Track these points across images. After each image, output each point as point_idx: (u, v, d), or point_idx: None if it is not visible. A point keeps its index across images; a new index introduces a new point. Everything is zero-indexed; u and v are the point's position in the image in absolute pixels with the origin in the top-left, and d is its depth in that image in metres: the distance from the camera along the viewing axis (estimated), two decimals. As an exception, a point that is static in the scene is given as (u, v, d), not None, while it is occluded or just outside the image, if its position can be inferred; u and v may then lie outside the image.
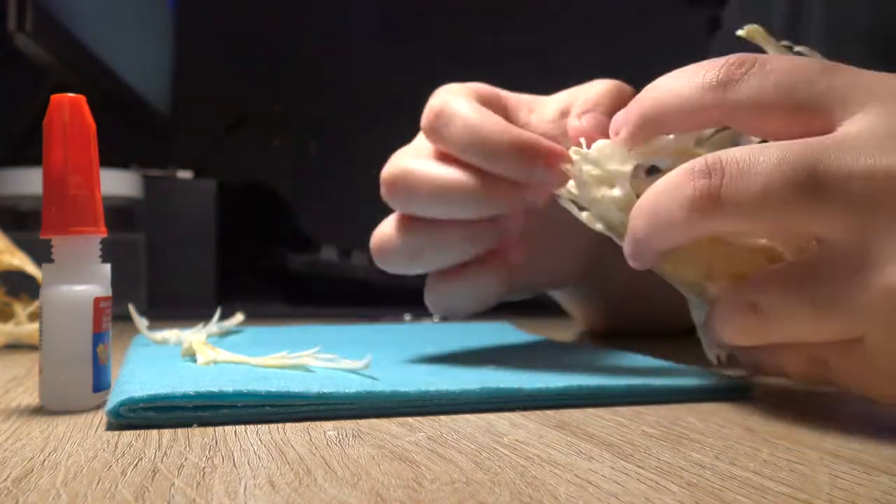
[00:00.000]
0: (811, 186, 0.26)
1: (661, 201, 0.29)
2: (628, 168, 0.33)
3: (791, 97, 0.28)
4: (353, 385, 0.31)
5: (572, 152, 0.35)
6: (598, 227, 0.34)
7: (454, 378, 0.34)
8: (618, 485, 0.22)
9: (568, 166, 0.35)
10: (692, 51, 0.41)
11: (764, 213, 0.27)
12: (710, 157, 0.28)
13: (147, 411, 0.29)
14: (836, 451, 0.25)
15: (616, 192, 0.33)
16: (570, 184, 0.35)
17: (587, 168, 0.34)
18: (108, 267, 0.32)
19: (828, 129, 0.27)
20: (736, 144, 0.32)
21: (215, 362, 0.37)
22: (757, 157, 0.27)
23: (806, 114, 0.28)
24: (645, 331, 0.54)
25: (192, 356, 0.38)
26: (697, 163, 0.28)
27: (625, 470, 0.23)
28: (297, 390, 0.30)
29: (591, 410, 0.32)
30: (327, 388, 0.31)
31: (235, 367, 0.36)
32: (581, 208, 0.35)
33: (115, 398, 0.29)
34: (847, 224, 0.26)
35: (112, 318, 0.33)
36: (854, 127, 0.27)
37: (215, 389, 0.29)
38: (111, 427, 0.28)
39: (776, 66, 0.28)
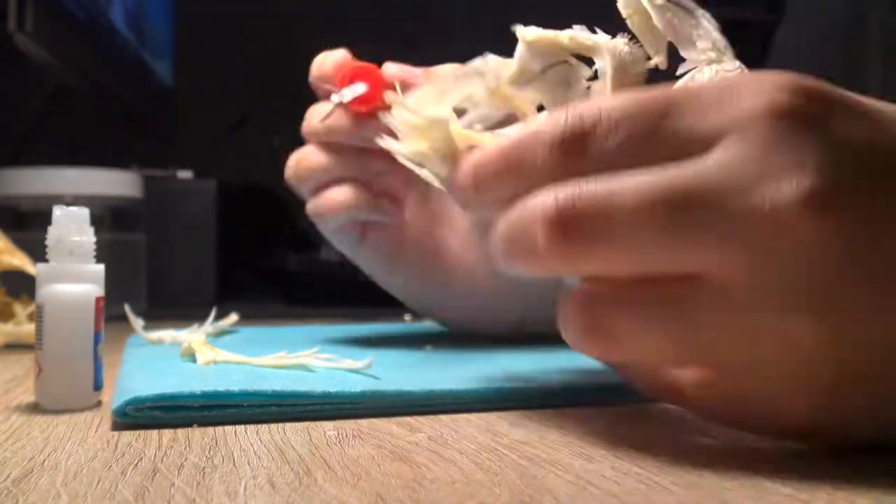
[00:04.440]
0: (683, 220, 0.23)
1: (515, 236, 0.25)
2: (445, 113, 0.30)
3: (638, 151, 0.24)
4: (357, 384, 0.31)
5: (387, 96, 0.32)
6: (438, 184, 0.31)
7: (457, 377, 0.34)
8: (618, 485, 0.22)
9: (387, 115, 0.32)
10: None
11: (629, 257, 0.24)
12: (562, 197, 0.24)
13: (153, 410, 0.29)
14: (836, 451, 0.25)
15: (436, 143, 0.31)
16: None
17: (406, 116, 0.31)
18: (101, 267, 0.33)
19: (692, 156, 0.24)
20: (569, 83, 0.32)
21: (215, 362, 0.37)
22: (615, 193, 0.23)
23: (662, 152, 0.24)
24: None
25: (191, 356, 0.38)
26: (547, 206, 0.24)
27: (625, 470, 0.23)
28: (302, 389, 0.30)
29: (591, 410, 0.32)
30: (332, 388, 0.31)
31: (236, 367, 0.36)
32: (419, 165, 0.32)
33: (119, 398, 0.29)
34: (724, 259, 0.23)
35: (108, 317, 0.33)
36: (717, 158, 0.23)
37: (221, 389, 0.29)
38: (116, 427, 0.28)
39: (615, 119, 0.24)
